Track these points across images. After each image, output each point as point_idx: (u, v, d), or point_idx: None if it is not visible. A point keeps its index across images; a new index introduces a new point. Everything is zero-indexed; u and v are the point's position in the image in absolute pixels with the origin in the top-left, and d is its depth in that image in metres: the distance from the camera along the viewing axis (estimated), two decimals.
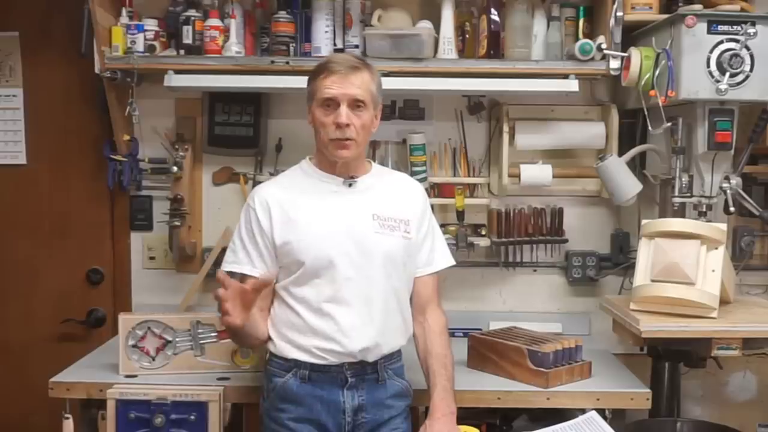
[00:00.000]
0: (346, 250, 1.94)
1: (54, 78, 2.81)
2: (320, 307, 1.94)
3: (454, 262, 2.16)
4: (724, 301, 2.25)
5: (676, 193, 2.37)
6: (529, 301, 2.86)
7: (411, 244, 2.02)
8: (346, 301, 1.94)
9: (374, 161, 2.18)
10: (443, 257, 2.13)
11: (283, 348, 1.97)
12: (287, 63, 2.51)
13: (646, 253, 2.26)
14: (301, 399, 1.96)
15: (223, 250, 2.12)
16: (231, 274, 1.93)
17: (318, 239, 1.93)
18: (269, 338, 2.01)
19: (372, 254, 1.95)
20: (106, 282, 2.88)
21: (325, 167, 2.01)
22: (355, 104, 1.92)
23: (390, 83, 2.44)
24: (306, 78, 2.02)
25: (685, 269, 2.16)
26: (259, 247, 1.98)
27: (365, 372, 1.98)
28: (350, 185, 2.00)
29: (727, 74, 2.20)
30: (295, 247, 1.94)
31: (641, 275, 2.24)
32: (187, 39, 2.55)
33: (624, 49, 2.45)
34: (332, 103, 1.91)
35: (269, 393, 2.02)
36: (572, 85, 2.49)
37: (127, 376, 2.27)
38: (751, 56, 2.21)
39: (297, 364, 1.96)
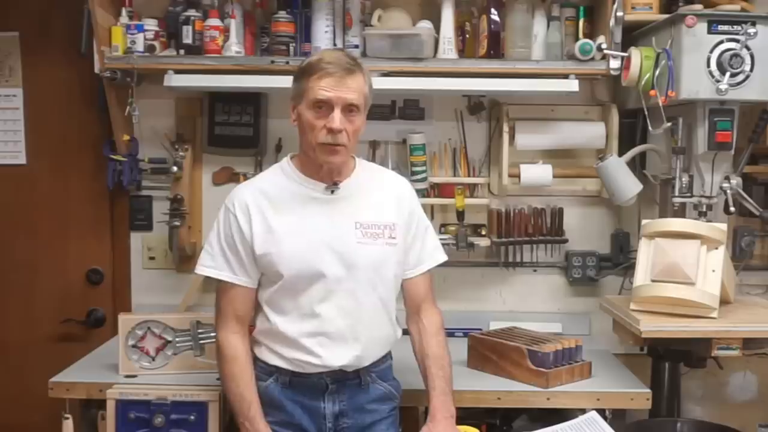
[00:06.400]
0: (327, 262, 1.87)
1: (54, 78, 2.81)
2: (301, 320, 1.89)
3: (445, 258, 2.09)
4: (724, 301, 2.25)
5: (676, 193, 2.37)
6: (529, 301, 2.85)
7: (397, 250, 1.94)
8: (327, 316, 1.88)
9: (374, 161, 2.15)
10: (434, 255, 2.05)
11: (265, 354, 1.95)
12: (287, 63, 2.50)
13: (646, 253, 2.26)
14: (283, 404, 1.93)
15: None
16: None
17: (298, 252, 1.86)
18: (255, 341, 1.98)
19: (356, 266, 1.88)
20: (106, 282, 2.88)
21: (308, 171, 1.92)
22: (349, 109, 1.83)
23: (390, 83, 2.46)
24: None
25: (686, 269, 2.16)
26: (240, 256, 1.90)
27: (347, 378, 1.94)
28: (332, 192, 1.91)
29: (727, 74, 2.19)
30: (275, 259, 1.87)
31: (641, 275, 2.24)
32: (187, 39, 2.55)
33: (624, 49, 2.45)
34: (325, 106, 1.82)
35: None
36: (572, 85, 2.49)
37: (127, 376, 2.27)
38: (751, 56, 2.21)
39: (278, 370, 1.93)
